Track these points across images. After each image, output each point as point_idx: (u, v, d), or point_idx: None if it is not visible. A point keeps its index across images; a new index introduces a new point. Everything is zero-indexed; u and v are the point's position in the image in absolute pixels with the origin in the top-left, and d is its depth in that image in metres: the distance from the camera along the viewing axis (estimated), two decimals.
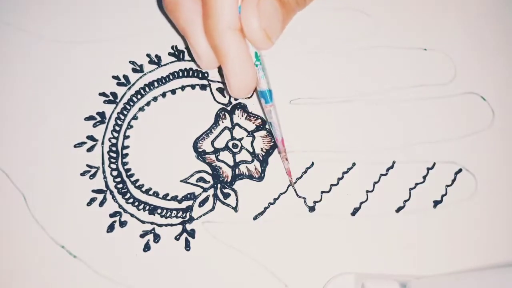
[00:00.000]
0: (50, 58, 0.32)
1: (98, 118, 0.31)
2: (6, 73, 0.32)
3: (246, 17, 0.25)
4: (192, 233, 0.28)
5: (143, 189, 0.29)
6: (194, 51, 0.27)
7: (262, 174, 0.30)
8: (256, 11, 0.25)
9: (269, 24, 0.25)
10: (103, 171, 0.29)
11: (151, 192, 0.29)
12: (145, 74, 0.32)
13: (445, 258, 0.28)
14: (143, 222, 0.29)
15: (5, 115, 0.30)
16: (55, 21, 0.33)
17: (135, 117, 0.31)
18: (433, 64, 0.33)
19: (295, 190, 0.29)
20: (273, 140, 0.31)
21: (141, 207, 0.29)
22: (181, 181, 0.30)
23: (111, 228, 0.28)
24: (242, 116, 0.31)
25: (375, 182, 0.30)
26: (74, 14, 0.33)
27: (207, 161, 0.30)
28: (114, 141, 0.30)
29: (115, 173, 0.30)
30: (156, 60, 0.32)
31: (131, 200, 0.29)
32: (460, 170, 0.30)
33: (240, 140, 0.31)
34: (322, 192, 0.30)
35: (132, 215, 0.29)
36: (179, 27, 0.28)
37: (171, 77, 0.32)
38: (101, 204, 0.29)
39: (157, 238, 0.28)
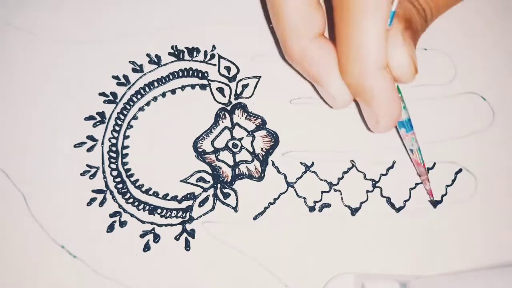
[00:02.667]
0: (50, 58, 0.32)
1: (98, 118, 0.31)
2: (6, 73, 0.32)
3: (395, 52, 0.24)
4: (192, 233, 0.28)
5: (143, 189, 0.29)
6: (329, 95, 0.27)
7: (262, 174, 0.30)
8: (404, 43, 0.24)
9: (413, 54, 0.25)
10: (103, 171, 0.29)
11: (151, 192, 0.29)
12: (145, 74, 0.32)
13: (445, 258, 0.28)
14: (143, 222, 0.29)
15: (5, 115, 0.31)
16: (55, 21, 0.33)
17: (135, 117, 0.31)
18: (433, 64, 0.33)
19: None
20: (272, 140, 0.31)
21: (141, 207, 0.29)
22: (181, 181, 0.30)
23: (111, 228, 0.28)
24: (242, 116, 0.31)
25: (375, 182, 0.30)
26: (74, 14, 0.33)
27: (207, 161, 0.30)
28: (114, 141, 0.30)
29: (115, 173, 0.30)
30: (156, 60, 0.32)
31: (131, 200, 0.29)
32: (460, 170, 0.30)
33: (240, 140, 0.31)
34: (322, 192, 0.30)
35: (132, 215, 0.29)
36: (310, 76, 0.27)
37: (171, 77, 0.32)
38: (101, 204, 0.29)
39: (157, 238, 0.28)
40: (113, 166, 0.30)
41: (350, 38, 0.24)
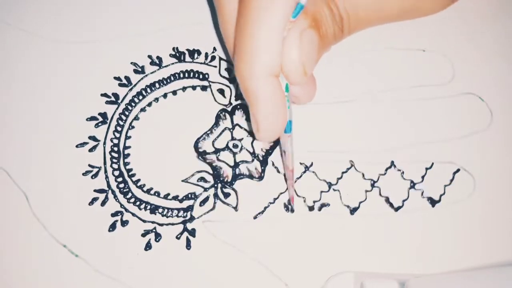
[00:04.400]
0: (51, 59, 0.32)
1: (100, 119, 0.31)
2: (7, 73, 0.32)
3: (287, 50, 0.22)
4: (193, 232, 0.29)
5: (145, 188, 0.30)
6: (255, 121, 0.25)
7: (262, 174, 0.30)
8: (298, 44, 0.22)
9: (308, 58, 0.23)
10: (105, 171, 0.30)
11: (152, 192, 0.29)
12: (146, 75, 0.32)
13: (444, 257, 0.29)
14: (144, 221, 0.29)
15: (7, 115, 0.31)
16: (55, 21, 0.33)
17: (136, 118, 0.31)
18: (432, 65, 0.33)
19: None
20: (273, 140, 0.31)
21: (142, 206, 0.29)
22: (182, 181, 0.30)
23: (112, 227, 0.28)
24: (242, 116, 0.32)
25: (374, 182, 0.30)
26: (75, 14, 0.33)
27: (207, 161, 0.30)
28: (115, 141, 0.30)
29: (116, 173, 0.30)
30: (157, 61, 0.32)
31: (132, 200, 0.29)
32: (458, 170, 0.31)
33: (240, 140, 0.31)
34: (322, 192, 0.30)
35: (133, 215, 0.29)
36: (247, 100, 0.25)
37: (172, 78, 0.32)
38: (103, 203, 0.29)
39: (158, 237, 0.28)
40: (115, 166, 0.30)
41: (243, 34, 0.22)
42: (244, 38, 0.22)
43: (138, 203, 0.29)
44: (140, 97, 0.32)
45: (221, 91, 0.32)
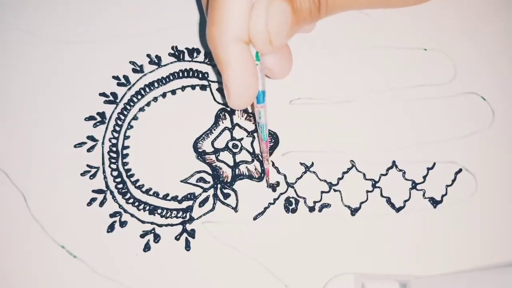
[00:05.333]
0: (50, 58, 0.32)
1: (98, 118, 0.31)
2: (6, 73, 0.32)
3: (254, 17, 0.23)
4: (192, 233, 0.28)
5: (143, 189, 0.29)
6: (227, 88, 0.25)
7: (262, 174, 0.30)
8: (264, 12, 0.23)
9: (276, 28, 0.24)
10: (103, 171, 0.30)
11: (151, 192, 0.29)
12: (145, 75, 0.32)
13: (445, 258, 0.28)
14: (143, 222, 0.29)
15: (5, 115, 0.31)
16: (55, 21, 0.33)
17: (135, 118, 0.31)
18: (433, 64, 0.33)
19: (273, 188, 0.30)
20: (272, 140, 0.31)
21: (141, 207, 0.29)
22: (181, 181, 0.30)
23: (111, 228, 0.28)
24: (242, 116, 0.31)
25: (375, 182, 0.30)
26: (74, 14, 0.33)
27: (207, 161, 0.30)
28: (114, 141, 0.30)
29: (115, 173, 0.30)
30: (156, 61, 0.32)
31: (131, 200, 0.29)
32: (460, 170, 0.30)
33: (240, 140, 0.31)
34: (322, 192, 0.30)
35: (132, 215, 0.29)
36: (218, 64, 0.25)
37: (171, 77, 0.32)
38: (101, 204, 0.29)
39: (157, 238, 0.28)
40: (114, 166, 0.30)
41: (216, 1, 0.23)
42: (215, 4, 0.23)
43: (137, 203, 0.29)
44: (139, 97, 0.31)
45: (221, 91, 0.32)
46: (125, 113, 0.31)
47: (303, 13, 0.25)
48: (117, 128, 0.31)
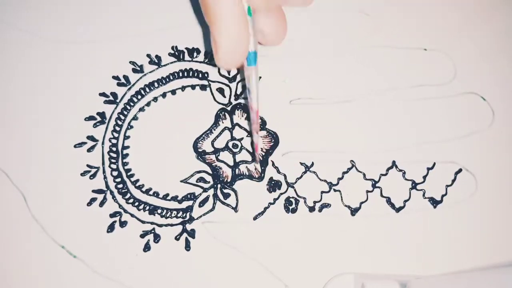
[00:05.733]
0: (50, 58, 0.32)
1: (98, 118, 0.31)
2: (6, 73, 0.32)
3: None
4: (192, 233, 0.28)
5: (143, 189, 0.29)
6: (214, 42, 0.24)
7: (262, 174, 0.30)
8: None
9: None
10: (103, 171, 0.29)
11: (151, 192, 0.29)
12: (145, 75, 0.32)
13: (445, 258, 0.29)
14: (143, 222, 0.29)
15: (5, 115, 0.31)
16: (55, 21, 0.33)
17: (135, 118, 0.31)
18: (433, 64, 0.33)
19: (260, 165, 0.29)
20: (272, 140, 0.31)
21: (141, 207, 0.29)
22: (181, 181, 0.30)
23: (111, 228, 0.28)
24: (242, 116, 0.31)
25: (375, 182, 0.30)
26: (74, 14, 0.33)
27: (207, 161, 0.30)
28: (114, 141, 0.30)
29: (115, 173, 0.30)
30: (156, 61, 0.32)
31: (131, 200, 0.29)
32: (460, 170, 0.30)
33: (240, 140, 0.31)
34: (322, 192, 0.30)
35: (132, 215, 0.29)
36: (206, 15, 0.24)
37: (171, 77, 0.32)
38: (101, 204, 0.29)
39: (157, 238, 0.28)
40: (114, 166, 0.30)
41: None
42: None
43: (137, 203, 0.29)
44: (139, 97, 0.31)
45: (221, 91, 0.32)
46: (125, 113, 0.31)
47: None
48: (117, 128, 0.31)
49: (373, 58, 0.33)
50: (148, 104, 0.31)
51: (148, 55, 0.32)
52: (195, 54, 0.33)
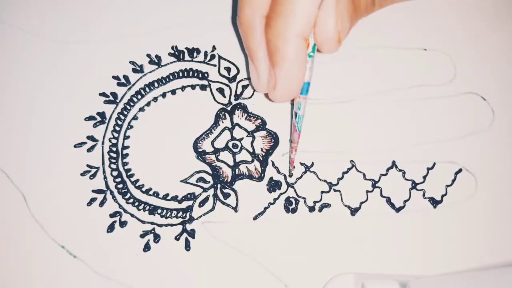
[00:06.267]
0: (50, 58, 0.32)
1: (98, 118, 0.31)
2: (6, 73, 0.32)
3: (324, 17, 0.24)
4: (192, 233, 0.28)
5: (143, 189, 0.29)
6: (255, 74, 0.27)
7: (262, 174, 0.30)
8: (335, 12, 0.24)
9: (342, 27, 0.25)
10: (103, 171, 0.29)
11: (151, 192, 0.29)
12: (145, 75, 0.32)
13: (445, 258, 0.28)
14: (143, 222, 0.29)
15: (5, 115, 0.31)
16: (55, 21, 0.33)
17: (135, 117, 0.31)
18: (433, 64, 0.33)
19: (290, 178, 0.30)
20: (272, 140, 0.31)
21: (141, 207, 0.29)
22: (181, 181, 0.30)
23: (111, 228, 0.28)
24: (242, 116, 0.31)
25: (375, 182, 0.30)
26: (74, 14, 0.33)
27: (207, 161, 0.30)
28: (114, 141, 0.30)
29: (115, 173, 0.30)
30: (156, 60, 0.32)
31: (131, 200, 0.29)
32: (460, 170, 0.30)
33: (240, 140, 0.31)
34: (322, 192, 0.30)
35: (132, 215, 0.29)
36: (248, 49, 0.27)
37: (171, 77, 0.32)
38: (101, 204, 0.29)
39: (157, 238, 0.28)
40: (114, 166, 0.30)
41: None
42: (287, 2, 0.23)
43: (136, 203, 0.29)
44: (139, 97, 0.31)
45: (221, 91, 0.32)
46: (125, 113, 0.31)
47: (361, 9, 0.26)
48: (117, 128, 0.31)
49: (373, 58, 0.33)
50: (148, 104, 0.31)
51: (148, 55, 0.32)
52: (195, 54, 0.32)
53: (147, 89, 0.32)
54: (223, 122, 0.31)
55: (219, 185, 0.30)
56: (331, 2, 0.24)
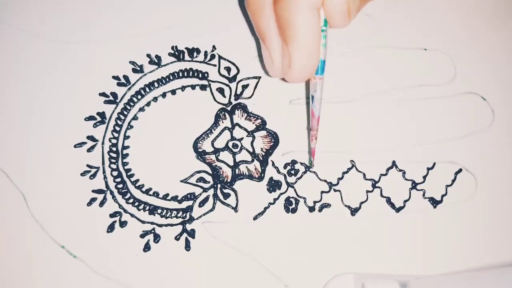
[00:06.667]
0: (50, 58, 0.32)
1: (98, 118, 0.31)
2: (6, 73, 0.32)
3: None
4: (192, 233, 0.28)
5: (143, 189, 0.29)
6: (269, 57, 0.26)
7: (262, 174, 0.30)
8: None
9: (353, 2, 0.23)
10: (103, 171, 0.29)
11: (151, 192, 0.29)
12: (145, 75, 0.32)
13: (445, 258, 0.28)
14: (143, 222, 0.29)
15: (5, 115, 0.31)
16: (55, 21, 0.33)
17: (135, 117, 0.31)
18: (433, 64, 0.33)
19: (314, 171, 0.30)
20: (272, 140, 0.31)
21: (141, 207, 0.29)
22: (181, 181, 0.30)
23: (111, 228, 0.28)
24: (242, 116, 0.31)
25: (375, 182, 0.30)
26: (74, 14, 0.33)
27: (207, 161, 0.30)
28: (114, 141, 0.30)
29: (115, 173, 0.30)
30: (156, 61, 0.32)
31: (131, 200, 0.29)
32: (460, 170, 0.30)
33: (240, 140, 0.31)
34: (322, 192, 0.30)
35: (132, 215, 0.29)
36: (258, 30, 0.26)
37: (171, 77, 0.32)
38: (101, 204, 0.29)
39: (157, 238, 0.28)
40: (114, 166, 0.30)
41: None
42: None
43: (136, 203, 0.29)
44: (139, 97, 0.31)
45: (221, 90, 0.32)
46: (125, 113, 0.31)
47: None
48: (117, 128, 0.31)
49: (373, 58, 0.33)
50: (148, 104, 0.31)
51: (148, 55, 0.32)
52: (195, 54, 0.32)
53: (147, 89, 0.32)
54: (223, 122, 0.31)
55: (219, 185, 0.30)
56: None
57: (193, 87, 0.32)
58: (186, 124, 0.31)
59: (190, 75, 0.32)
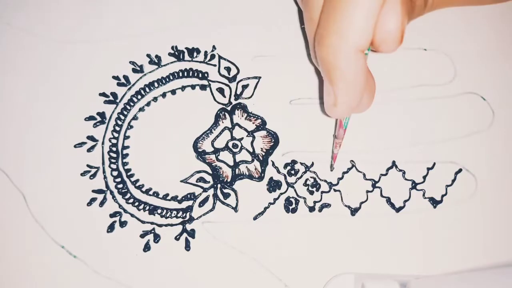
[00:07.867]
0: (50, 58, 0.32)
1: (98, 118, 0.31)
2: (6, 73, 0.32)
3: (386, 15, 0.22)
4: (192, 233, 0.28)
5: (143, 189, 0.29)
6: (332, 102, 0.24)
7: (262, 174, 0.30)
8: (400, 10, 0.22)
9: (404, 25, 0.23)
10: (103, 171, 0.30)
11: (151, 192, 0.29)
12: (145, 75, 0.32)
13: (445, 258, 0.28)
14: (143, 222, 0.29)
15: (5, 115, 0.31)
16: (55, 21, 0.33)
17: (135, 117, 0.31)
18: (433, 64, 0.33)
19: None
20: (272, 140, 0.31)
21: (141, 207, 0.29)
22: (181, 181, 0.30)
23: (111, 228, 0.28)
24: (242, 116, 0.31)
25: (375, 182, 0.30)
26: (74, 14, 0.33)
27: (207, 161, 0.30)
28: (114, 141, 0.30)
29: (115, 173, 0.30)
30: (156, 61, 0.32)
31: (131, 200, 0.29)
32: (460, 170, 0.30)
33: (240, 140, 0.31)
34: (322, 192, 0.30)
35: (132, 215, 0.29)
36: (328, 78, 0.24)
37: (171, 77, 0.32)
38: (101, 204, 0.29)
39: (157, 238, 0.28)
40: (114, 166, 0.30)
41: (337, 4, 0.21)
42: (336, 8, 0.21)
43: (136, 203, 0.29)
44: (139, 97, 0.31)
45: (221, 90, 0.32)
46: (125, 113, 0.31)
47: (415, 13, 0.25)
48: (117, 128, 0.31)
49: (373, 58, 0.33)
50: (148, 104, 0.31)
51: (148, 55, 0.32)
52: (195, 54, 0.32)
53: (147, 89, 0.32)
54: (223, 122, 0.31)
55: (219, 185, 0.30)
56: (396, 2, 0.22)
57: (193, 87, 0.32)
58: (186, 124, 0.31)
59: (190, 75, 0.32)
